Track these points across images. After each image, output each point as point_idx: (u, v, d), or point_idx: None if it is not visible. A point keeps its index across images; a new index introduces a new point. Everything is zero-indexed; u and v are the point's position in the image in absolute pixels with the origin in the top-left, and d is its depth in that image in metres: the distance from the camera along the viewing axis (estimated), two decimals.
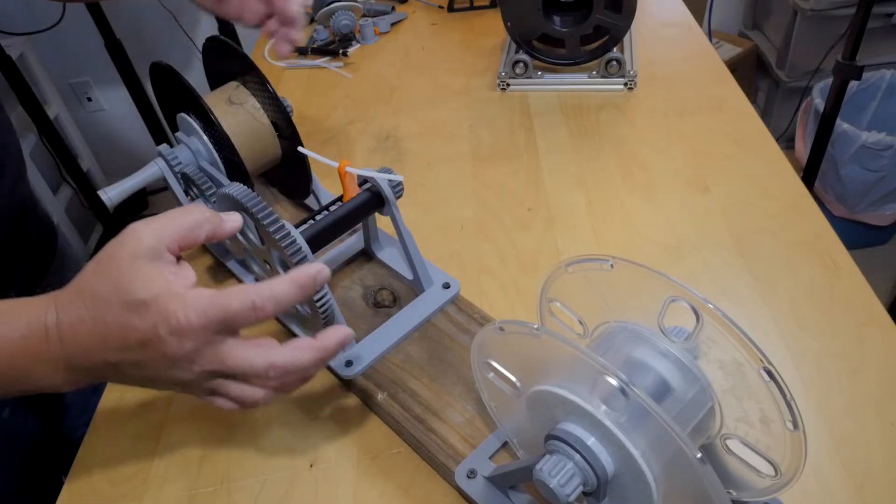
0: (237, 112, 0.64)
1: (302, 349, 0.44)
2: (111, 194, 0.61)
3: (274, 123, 0.65)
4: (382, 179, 0.57)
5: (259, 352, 0.42)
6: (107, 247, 0.42)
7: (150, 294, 0.39)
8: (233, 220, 0.46)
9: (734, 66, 1.99)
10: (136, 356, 0.41)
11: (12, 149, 0.69)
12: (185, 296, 0.40)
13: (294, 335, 0.62)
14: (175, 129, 0.67)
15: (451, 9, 1.22)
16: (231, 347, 0.42)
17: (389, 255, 0.67)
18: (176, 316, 0.39)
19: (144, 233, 0.41)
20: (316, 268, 0.44)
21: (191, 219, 0.43)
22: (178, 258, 0.43)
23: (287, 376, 0.43)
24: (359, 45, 1.13)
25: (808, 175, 1.49)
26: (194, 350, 0.40)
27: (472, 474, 0.48)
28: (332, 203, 0.58)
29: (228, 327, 0.41)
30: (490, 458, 0.50)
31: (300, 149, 0.60)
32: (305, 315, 0.57)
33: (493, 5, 1.20)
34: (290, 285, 0.43)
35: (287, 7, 0.65)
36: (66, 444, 0.75)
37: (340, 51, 1.10)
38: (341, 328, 0.45)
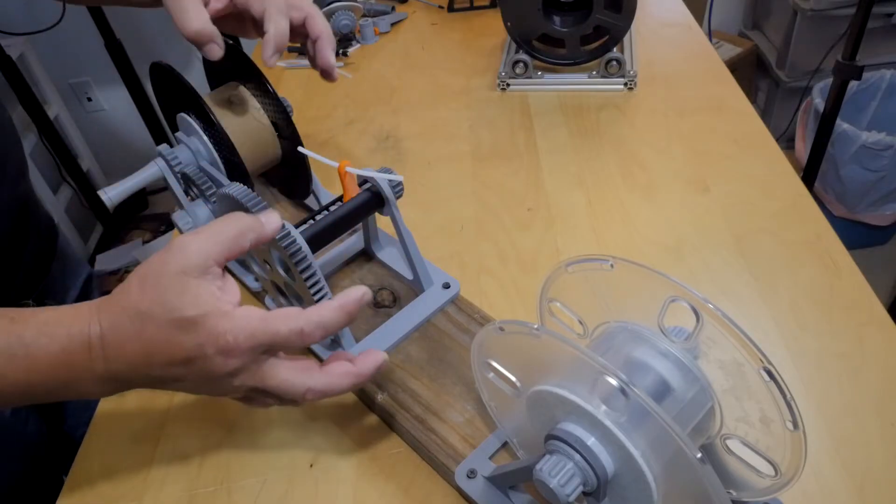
0: (237, 112, 0.64)
1: (341, 376, 0.44)
2: (111, 194, 0.61)
3: (274, 123, 0.65)
4: (382, 179, 0.57)
5: (299, 375, 0.43)
6: (152, 261, 0.41)
7: (199, 312, 0.39)
8: (273, 221, 0.45)
9: (734, 66, 1.99)
10: (179, 372, 0.41)
11: (13, 148, 0.69)
12: (233, 315, 0.40)
13: None
14: (175, 129, 0.67)
15: (451, 9, 1.22)
16: (273, 367, 0.42)
17: (389, 255, 0.67)
18: (225, 337, 0.40)
19: (191, 248, 0.41)
20: (360, 291, 0.44)
21: (235, 229, 0.43)
22: (224, 270, 0.43)
23: (322, 398, 0.44)
24: (359, 45, 1.13)
25: (808, 175, 1.49)
26: (238, 368, 0.41)
27: (472, 474, 0.48)
28: (332, 203, 0.58)
29: (274, 349, 0.42)
30: (490, 458, 0.50)
31: (300, 149, 0.60)
32: None
33: (493, 5, 1.20)
34: (338, 312, 0.43)
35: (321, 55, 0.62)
36: (67, 443, 0.75)
37: (340, 51, 1.10)
38: (378, 353, 0.46)
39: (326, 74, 0.62)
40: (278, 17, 0.57)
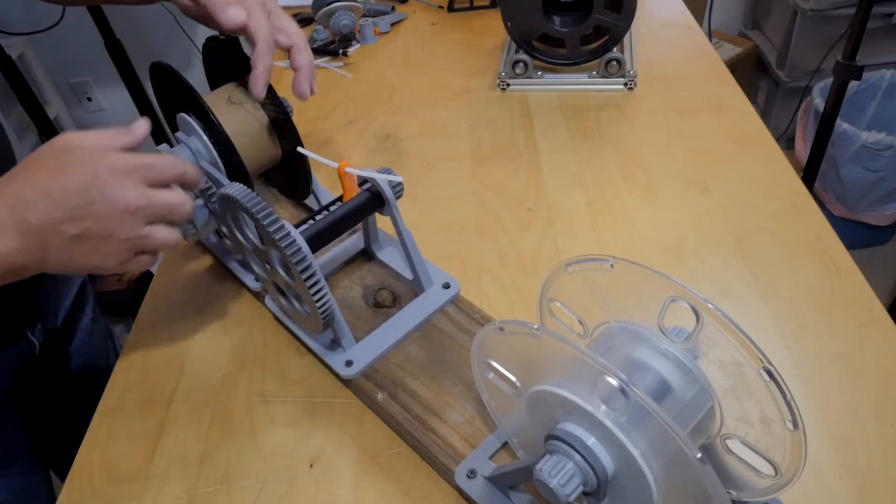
0: (237, 112, 0.64)
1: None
2: None
3: (274, 123, 0.65)
4: (382, 179, 0.57)
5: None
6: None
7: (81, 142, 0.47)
8: (139, 126, 0.53)
9: (734, 66, 1.99)
10: (73, 199, 0.46)
11: (5, 152, 0.68)
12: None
13: (295, 336, 0.62)
14: (175, 129, 0.67)
15: (451, 9, 1.22)
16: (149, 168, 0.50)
17: (389, 255, 0.67)
18: (106, 155, 0.47)
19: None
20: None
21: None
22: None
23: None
24: (359, 45, 1.13)
25: (808, 175, 1.49)
26: (125, 171, 0.47)
27: (472, 474, 0.48)
28: (332, 203, 0.58)
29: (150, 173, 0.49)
30: (490, 458, 0.50)
31: (300, 149, 0.60)
32: (305, 314, 0.57)
33: (493, 5, 1.20)
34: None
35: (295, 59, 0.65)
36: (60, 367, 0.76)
37: (340, 51, 1.10)
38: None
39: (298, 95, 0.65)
40: (267, 54, 0.60)
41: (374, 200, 0.58)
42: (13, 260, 0.46)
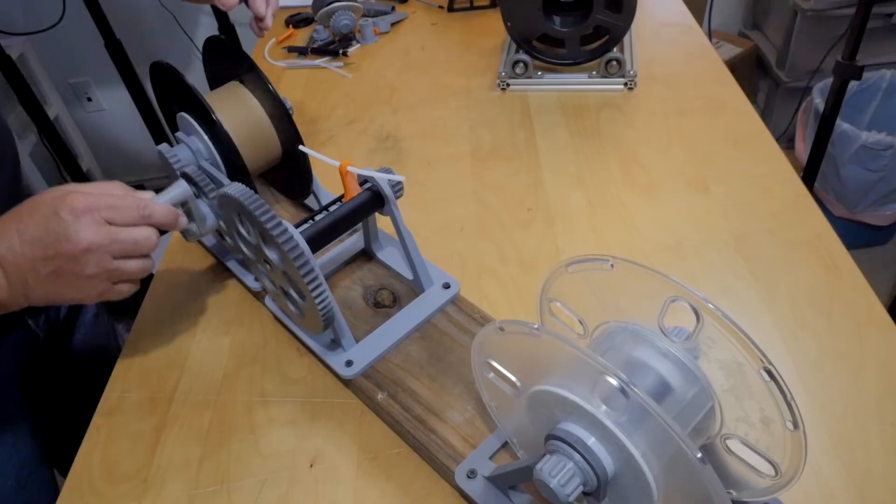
0: (237, 112, 0.64)
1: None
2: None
3: (274, 123, 0.65)
4: (382, 179, 0.57)
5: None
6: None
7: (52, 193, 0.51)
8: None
9: (734, 66, 1.99)
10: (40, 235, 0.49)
11: (7, 148, 0.69)
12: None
13: (295, 336, 0.62)
14: (175, 128, 0.67)
15: (451, 9, 1.22)
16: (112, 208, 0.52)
17: (389, 255, 0.67)
18: (72, 195, 0.50)
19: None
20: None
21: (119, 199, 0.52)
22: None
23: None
24: (359, 45, 1.13)
25: (808, 175, 1.49)
26: (86, 209, 0.50)
27: (472, 474, 0.48)
28: (333, 203, 0.58)
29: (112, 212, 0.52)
30: (490, 458, 0.50)
31: (301, 147, 0.60)
32: (305, 315, 0.57)
33: (493, 5, 1.20)
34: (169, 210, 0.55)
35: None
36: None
37: (340, 51, 1.10)
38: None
39: (257, 23, 0.73)
40: None
41: (374, 200, 0.58)
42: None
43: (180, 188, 0.58)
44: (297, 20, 1.23)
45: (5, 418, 0.67)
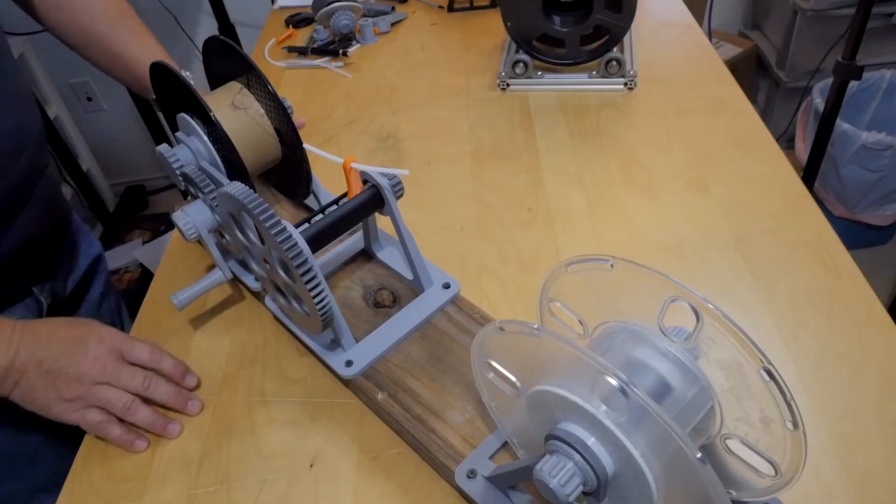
0: (237, 112, 0.64)
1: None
2: (181, 298, 0.62)
3: (274, 123, 0.65)
4: (382, 178, 0.57)
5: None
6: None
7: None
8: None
9: (734, 66, 1.99)
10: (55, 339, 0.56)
11: (34, 115, 0.70)
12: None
13: (295, 336, 0.62)
14: (175, 129, 0.67)
15: (451, 9, 1.22)
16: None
17: (389, 255, 0.67)
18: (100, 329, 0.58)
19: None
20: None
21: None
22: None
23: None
24: (359, 45, 1.13)
25: (808, 175, 1.49)
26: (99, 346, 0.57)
27: (472, 474, 0.48)
28: (334, 202, 0.58)
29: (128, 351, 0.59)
30: (490, 458, 0.49)
31: (305, 145, 0.61)
32: (305, 314, 0.57)
33: (493, 5, 1.20)
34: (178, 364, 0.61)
35: None
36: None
37: (340, 51, 1.10)
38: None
39: None
40: None
41: (373, 200, 0.58)
42: None
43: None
44: (297, 20, 1.23)
45: None
